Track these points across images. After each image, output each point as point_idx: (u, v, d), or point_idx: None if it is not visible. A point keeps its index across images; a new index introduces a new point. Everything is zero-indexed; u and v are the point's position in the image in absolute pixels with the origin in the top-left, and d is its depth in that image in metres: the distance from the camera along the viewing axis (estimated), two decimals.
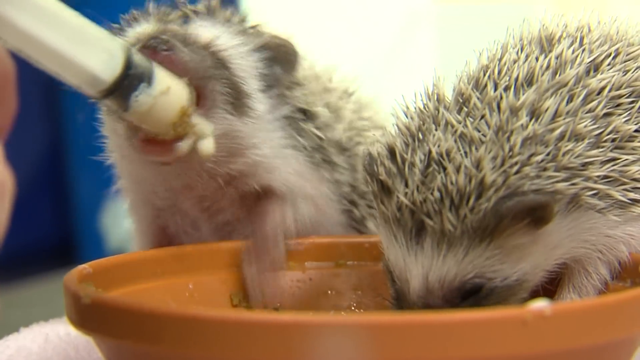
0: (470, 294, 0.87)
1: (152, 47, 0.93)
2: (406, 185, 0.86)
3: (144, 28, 1.01)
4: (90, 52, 0.83)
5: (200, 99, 0.97)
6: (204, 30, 1.02)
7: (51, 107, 3.86)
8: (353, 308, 1.08)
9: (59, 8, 0.82)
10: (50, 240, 3.93)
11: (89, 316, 0.80)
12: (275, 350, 0.71)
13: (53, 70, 0.83)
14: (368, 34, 3.10)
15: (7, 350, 1.03)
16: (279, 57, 1.06)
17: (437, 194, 0.84)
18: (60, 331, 1.07)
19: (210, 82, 0.98)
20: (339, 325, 0.71)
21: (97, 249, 3.45)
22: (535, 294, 0.90)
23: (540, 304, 0.73)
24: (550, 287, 0.94)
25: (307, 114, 1.09)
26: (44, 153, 4.03)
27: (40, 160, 3.99)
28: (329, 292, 1.08)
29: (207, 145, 0.96)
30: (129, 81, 0.86)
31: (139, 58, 0.88)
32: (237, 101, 1.01)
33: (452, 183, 0.84)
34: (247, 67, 1.03)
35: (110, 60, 0.85)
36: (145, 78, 0.88)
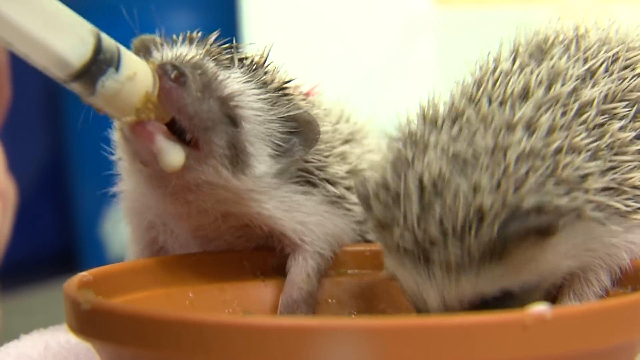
0: (490, 300, 0.87)
1: (166, 72, 0.92)
2: (405, 219, 0.85)
3: (184, 51, 0.99)
4: (60, 36, 0.84)
5: (199, 143, 0.95)
6: (233, 82, 0.99)
7: (52, 116, 3.87)
8: (354, 317, 1.07)
9: None
10: (52, 248, 3.93)
11: (89, 322, 0.80)
12: (276, 355, 0.70)
13: (22, 52, 0.83)
14: (369, 39, 3.10)
15: (7, 357, 1.03)
16: (302, 132, 1.03)
17: (437, 226, 0.83)
18: (61, 339, 1.07)
19: (210, 133, 0.96)
20: (339, 329, 0.71)
21: (98, 256, 3.45)
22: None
23: (541, 308, 0.72)
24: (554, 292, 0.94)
25: (321, 173, 1.06)
26: (46, 162, 4.04)
27: (42, 169, 4.00)
28: (330, 300, 1.07)
29: (176, 158, 0.95)
30: (97, 66, 0.86)
31: (108, 43, 0.88)
32: (237, 158, 0.98)
33: (450, 211, 0.83)
34: (263, 132, 1.01)
35: (80, 45, 0.85)
36: (114, 63, 0.88)
